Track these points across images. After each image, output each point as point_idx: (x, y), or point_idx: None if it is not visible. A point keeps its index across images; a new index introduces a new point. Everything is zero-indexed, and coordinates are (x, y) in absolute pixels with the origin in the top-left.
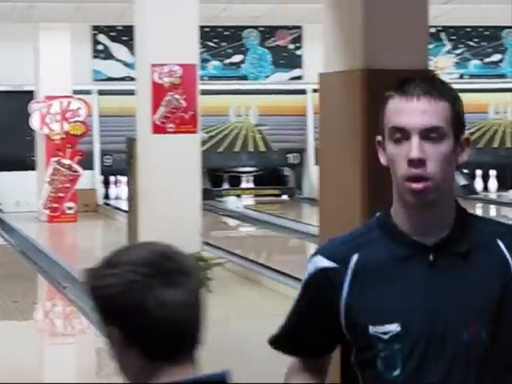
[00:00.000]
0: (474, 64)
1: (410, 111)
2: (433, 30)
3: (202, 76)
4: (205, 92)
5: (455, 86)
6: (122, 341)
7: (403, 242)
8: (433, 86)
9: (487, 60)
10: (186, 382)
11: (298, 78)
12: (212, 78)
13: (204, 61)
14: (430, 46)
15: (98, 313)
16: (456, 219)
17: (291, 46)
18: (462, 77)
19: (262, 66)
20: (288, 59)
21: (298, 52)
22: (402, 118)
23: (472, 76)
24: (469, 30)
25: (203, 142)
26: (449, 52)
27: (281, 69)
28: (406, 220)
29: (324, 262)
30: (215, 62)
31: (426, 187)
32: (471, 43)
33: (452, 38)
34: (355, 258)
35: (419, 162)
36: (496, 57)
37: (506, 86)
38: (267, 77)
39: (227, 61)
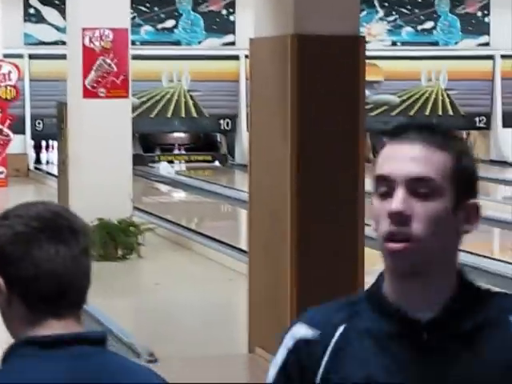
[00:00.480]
0: (406, 31)
1: (398, 157)
2: None
3: (135, 41)
4: (137, 57)
5: (387, 54)
6: (7, 290)
7: (392, 316)
8: (433, 133)
9: (420, 27)
10: (69, 336)
11: (231, 43)
12: (144, 43)
13: (136, 25)
14: (363, 13)
15: None
16: (457, 292)
17: (224, 12)
18: (394, 44)
19: (194, 32)
20: (221, 25)
21: (231, 18)
22: (386, 165)
23: (404, 43)
24: None
25: (134, 108)
26: (381, 19)
27: (214, 34)
28: (393, 290)
29: (306, 331)
30: (148, 27)
31: (405, 248)
32: (404, 10)
33: (385, 4)
34: (340, 330)
35: (401, 218)
36: (429, 24)
37: (439, 53)
38: (200, 42)
39: (160, 26)
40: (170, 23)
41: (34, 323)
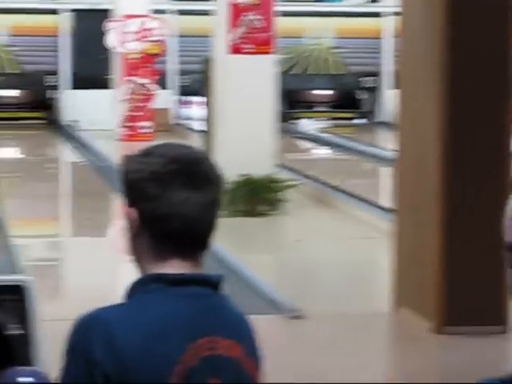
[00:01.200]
0: None
1: None
2: None
3: None
4: (281, 14)
5: None
6: (138, 225)
7: None
8: None
9: None
10: (190, 276)
11: (374, 0)
12: None
13: None
14: None
15: (123, 194)
16: None
17: None
18: None
19: None
20: None
21: None
22: None
23: None
24: None
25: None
26: None
27: None
28: None
29: None
30: None
31: None
32: None
33: None
34: None
35: None
36: None
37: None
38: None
39: None
40: None
41: (160, 261)
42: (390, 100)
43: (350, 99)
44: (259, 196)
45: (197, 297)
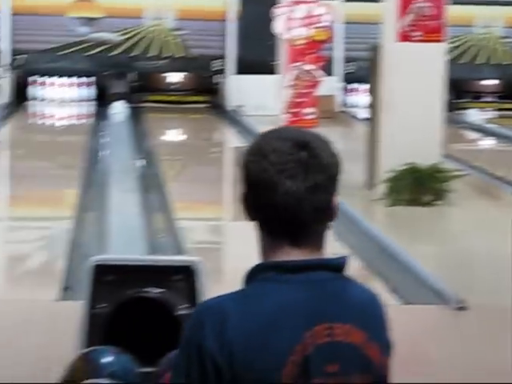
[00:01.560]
0: None
1: None
2: None
3: None
4: (452, 1)
5: None
6: (251, 212)
7: None
8: None
9: None
10: (306, 262)
11: None
12: None
13: None
14: None
15: (240, 179)
16: None
17: None
18: None
19: None
20: None
21: None
22: None
23: None
24: None
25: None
26: None
27: None
28: None
29: None
30: None
31: None
32: None
33: None
34: None
35: None
36: None
37: None
38: None
39: None
40: None
41: (275, 249)
42: None
43: None
44: (424, 185)
45: (314, 283)
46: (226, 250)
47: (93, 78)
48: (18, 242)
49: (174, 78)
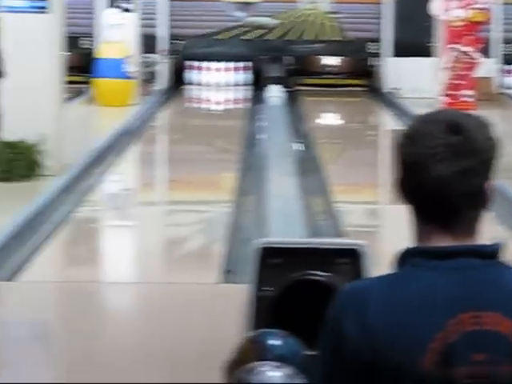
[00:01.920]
0: None
1: None
2: None
3: None
4: None
5: None
6: (403, 196)
7: None
8: None
9: None
10: (456, 248)
11: None
12: None
13: None
14: None
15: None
16: None
17: None
18: None
19: None
20: None
21: None
22: None
23: None
24: None
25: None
26: None
27: None
28: None
29: None
30: None
31: None
32: None
33: None
34: None
35: None
36: None
37: None
38: None
39: None
40: None
41: (427, 234)
42: None
43: None
44: None
45: (462, 269)
46: (383, 233)
47: (249, 63)
48: (177, 225)
49: (330, 61)
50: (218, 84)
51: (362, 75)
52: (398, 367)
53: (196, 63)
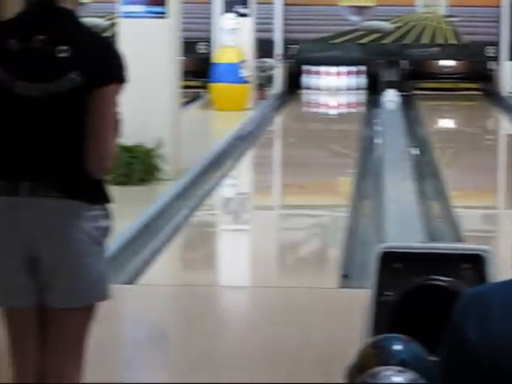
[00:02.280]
0: None
1: None
2: None
3: None
4: None
5: None
6: None
7: None
8: None
9: None
10: None
11: None
12: None
13: None
14: None
15: None
16: None
17: None
18: None
19: None
20: None
21: None
22: None
23: None
24: None
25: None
26: None
27: None
28: None
29: None
30: None
31: None
32: None
33: None
34: None
35: None
36: None
37: None
38: None
39: None
40: None
41: None
42: None
43: None
44: None
45: None
46: (501, 239)
47: (364, 67)
48: (293, 229)
49: (447, 64)
50: (334, 88)
51: (479, 79)
52: None
53: (311, 67)
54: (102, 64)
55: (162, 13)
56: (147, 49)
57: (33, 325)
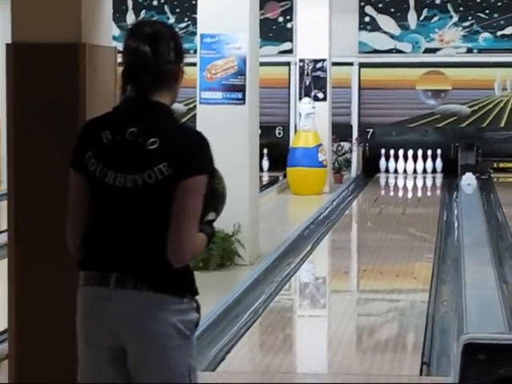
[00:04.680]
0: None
1: None
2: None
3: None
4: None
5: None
6: None
7: None
8: None
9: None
10: None
11: None
12: None
13: None
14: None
15: None
16: None
17: None
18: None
19: None
20: None
21: None
22: None
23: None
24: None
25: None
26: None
27: None
28: None
29: None
30: None
31: None
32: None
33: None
34: None
35: None
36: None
37: None
38: None
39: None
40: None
41: None
42: None
43: None
44: None
45: None
46: None
47: (440, 150)
48: (371, 314)
49: None
50: (411, 172)
51: None
52: None
53: (388, 151)
54: (189, 156)
55: (241, 99)
56: (226, 134)
57: None
